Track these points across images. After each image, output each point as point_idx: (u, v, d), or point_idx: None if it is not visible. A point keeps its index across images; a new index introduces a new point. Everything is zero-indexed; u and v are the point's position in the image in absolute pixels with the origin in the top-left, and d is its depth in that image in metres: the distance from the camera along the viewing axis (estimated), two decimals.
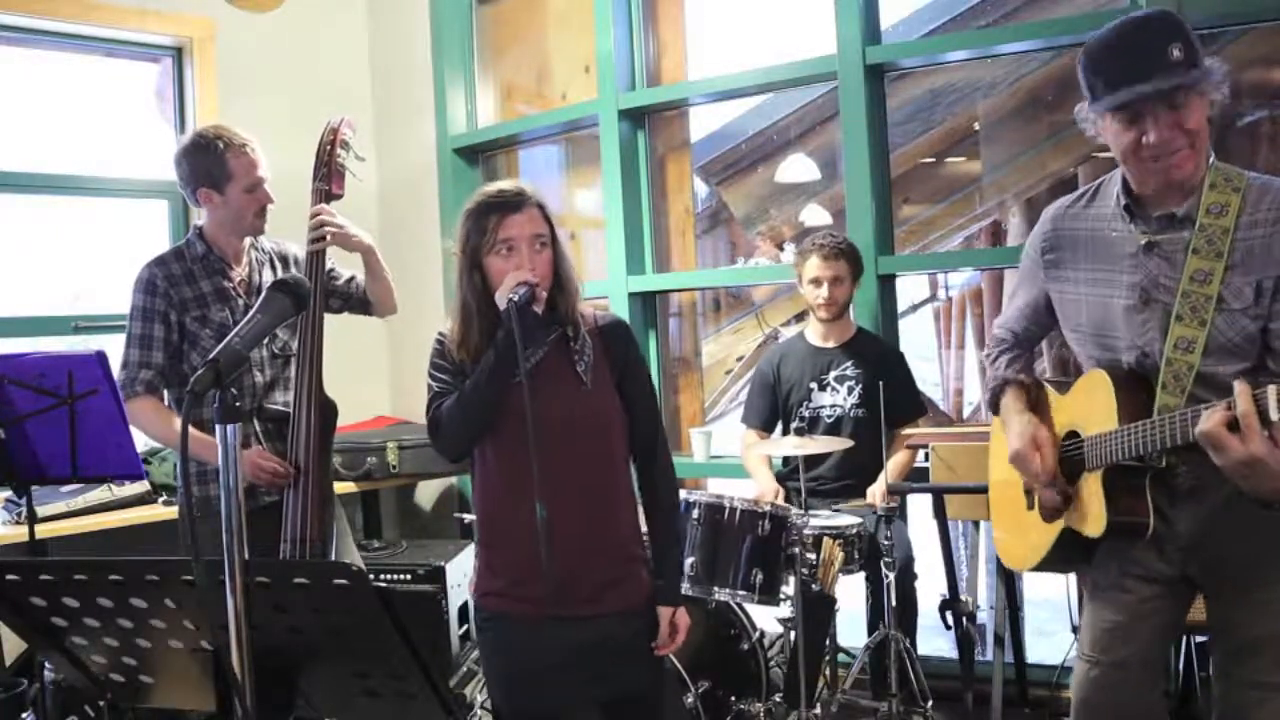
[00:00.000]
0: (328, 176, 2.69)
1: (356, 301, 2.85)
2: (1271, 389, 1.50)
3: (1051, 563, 2.02)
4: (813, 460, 3.25)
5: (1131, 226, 1.86)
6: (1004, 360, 2.15)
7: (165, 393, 2.65)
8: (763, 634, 3.00)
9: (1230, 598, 1.84)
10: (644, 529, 2.13)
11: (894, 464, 3.28)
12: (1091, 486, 1.85)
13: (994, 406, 2.14)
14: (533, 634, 1.98)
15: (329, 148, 2.70)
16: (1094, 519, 1.83)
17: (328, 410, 2.60)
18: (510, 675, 2.02)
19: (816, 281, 3.35)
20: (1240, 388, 1.55)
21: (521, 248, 1.93)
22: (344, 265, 2.86)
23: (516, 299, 1.87)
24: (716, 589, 2.81)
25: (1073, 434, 1.93)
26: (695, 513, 2.83)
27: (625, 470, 2.07)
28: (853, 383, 3.36)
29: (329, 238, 2.63)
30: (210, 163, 2.61)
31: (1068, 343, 2.06)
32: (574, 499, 1.95)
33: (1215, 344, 1.76)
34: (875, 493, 3.21)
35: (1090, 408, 1.87)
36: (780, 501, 3.24)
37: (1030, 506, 2.05)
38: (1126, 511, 1.79)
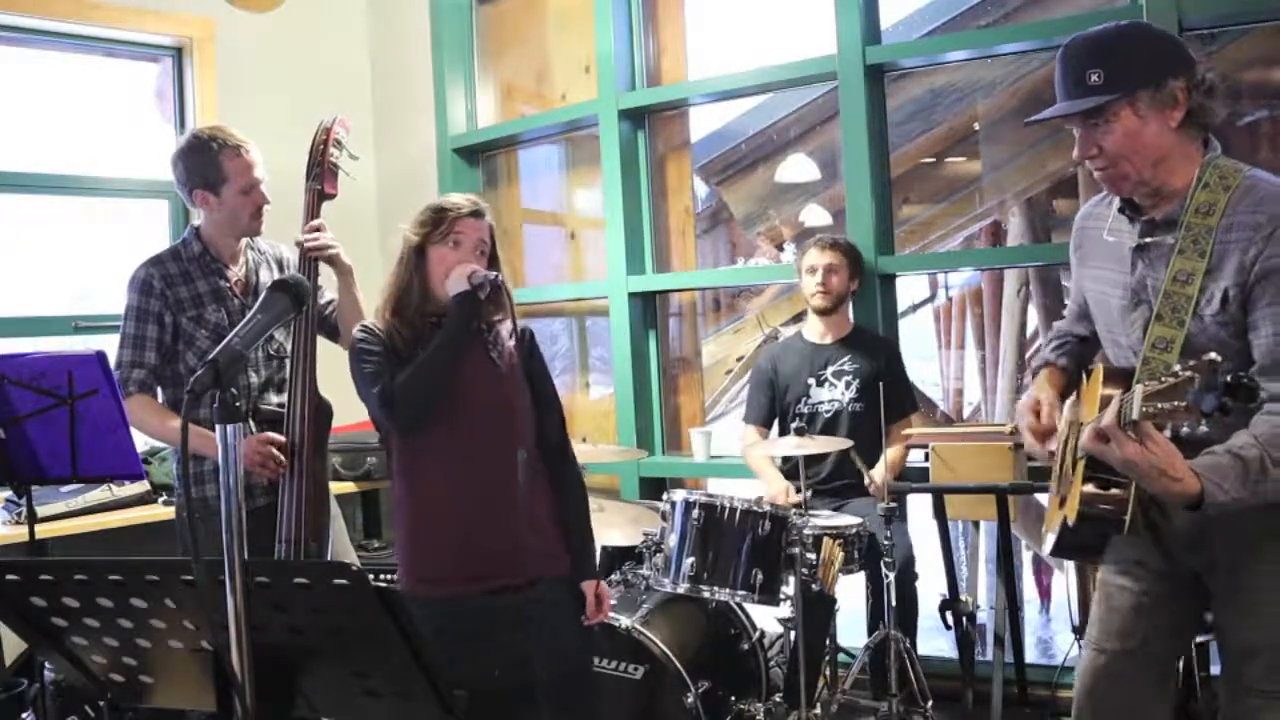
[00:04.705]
0: (320, 176, 2.68)
1: (327, 326, 2.80)
2: (1136, 390, 1.53)
3: (1062, 549, 2.01)
4: (811, 458, 3.25)
5: (1129, 227, 1.88)
6: (1052, 344, 2.18)
7: (159, 391, 2.64)
8: (763, 634, 2.99)
9: (1226, 602, 1.84)
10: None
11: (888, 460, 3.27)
12: (1077, 477, 1.86)
13: None
14: (472, 608, 2.14)
15: (322, 147, 2.68)
16: (1071, 507, 1.84)
17: (322, 411, 2.60)
18: (450, 651, 2.05)
19: (812, 270, 3.42)
20: (1113, 399, 1.64)
21: (466, 245, 2.19)
22: (326, 286, 2.82)
23: (476, 282, 2.11)
24: (716, 589, 2.80)
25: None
26: (695, 512, 2.82)
27: (538, 456, 2.27)
28: (850, 378, 3.38)
29: (328, 251, 2.62)
30: (205, 164, 2.60)
31: None
32: (503, 474, 2.17)
33: (1192, 346, 1.75)
34: (875, 475, 3.19)
35: (1091, 401, 1.89)
36: (793, 499, 3.23)
37: (1056, 493, 2.06)
38: (1101, 502, 1.78)
